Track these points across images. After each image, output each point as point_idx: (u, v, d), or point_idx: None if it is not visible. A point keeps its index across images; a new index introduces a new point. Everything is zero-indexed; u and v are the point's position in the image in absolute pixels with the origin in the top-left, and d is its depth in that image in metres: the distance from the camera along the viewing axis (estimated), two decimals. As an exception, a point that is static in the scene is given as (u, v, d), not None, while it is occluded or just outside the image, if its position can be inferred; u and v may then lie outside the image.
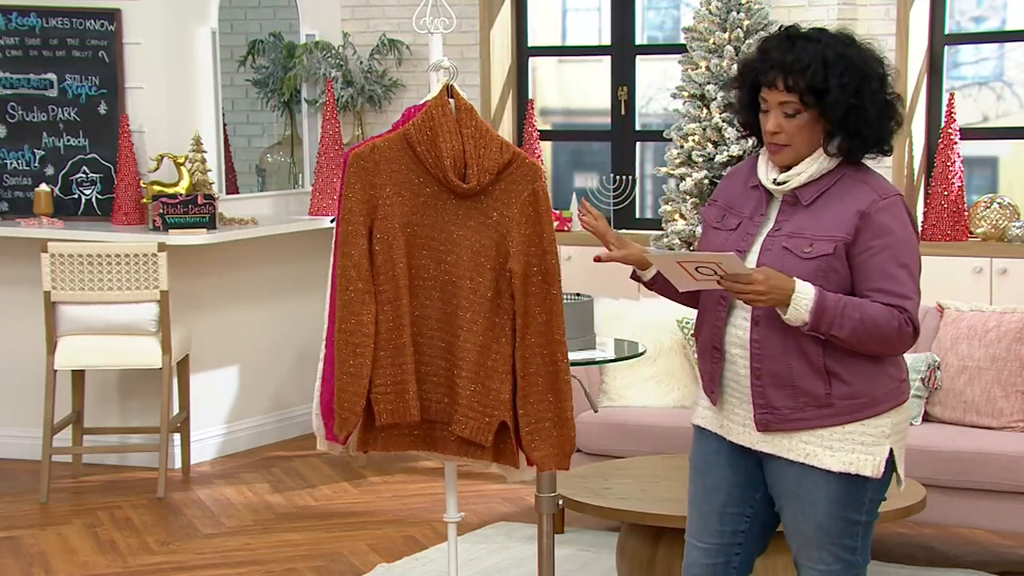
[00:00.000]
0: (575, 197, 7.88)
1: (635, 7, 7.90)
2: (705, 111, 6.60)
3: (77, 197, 7.00)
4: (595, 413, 5.57)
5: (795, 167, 3.34)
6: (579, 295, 4.94)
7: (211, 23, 7.07)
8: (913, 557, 5.44)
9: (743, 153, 6.44)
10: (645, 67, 7.97)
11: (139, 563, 5.53)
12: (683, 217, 6.64)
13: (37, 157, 7.03)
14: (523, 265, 3.76)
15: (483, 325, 3.75)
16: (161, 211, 6.60)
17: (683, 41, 6.79)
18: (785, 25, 3.41)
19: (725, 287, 3.23)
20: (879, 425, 3.30)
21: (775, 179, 3.37)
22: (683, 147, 6.64)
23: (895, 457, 3.33)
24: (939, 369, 5.55)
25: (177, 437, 6.78)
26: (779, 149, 3.34)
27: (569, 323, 4.32)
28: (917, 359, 5.49)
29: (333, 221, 6.98)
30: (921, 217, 7.15)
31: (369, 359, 3.72)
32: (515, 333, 3.77)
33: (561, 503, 4.40)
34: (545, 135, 8.07)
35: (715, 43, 6.58)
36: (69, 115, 6.98)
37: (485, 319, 3.76)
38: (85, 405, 6.79)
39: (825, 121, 3.29)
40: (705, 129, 6.58)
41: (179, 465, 6.80)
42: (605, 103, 8.03)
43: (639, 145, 7.97)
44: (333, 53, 7.81)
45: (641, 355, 5.00)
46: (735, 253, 3.33)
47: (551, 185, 8.19)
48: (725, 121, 6.49)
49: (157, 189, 6.75)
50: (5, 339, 7.07)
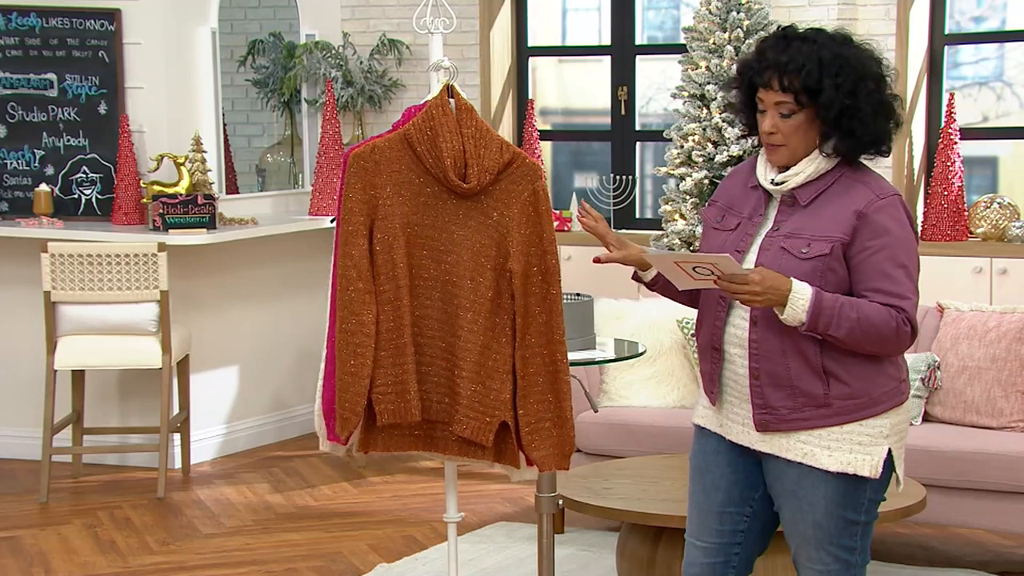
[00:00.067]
0: (575, 197, 7.88)
1: (635, 7, 7.90)
2: (705, 111, 6.59)
3: (77, 197, 7.00)
4: (595, 413, 5.57)
5: (793, 167, 3.34)
6: (579, 295, 4.94)
7: (211, 23, 7.07)
8: (913, 557, 5.44)
9: (743, 153, 6.44)
10: (645, 67, 7.97)
11: (139, 563, 5.53)
12: (683, 217, 6.63)
13: (37, 157, 7.03)
14: (523, 265, 3.76)
15: (484, 325, 3.75)
16: (161, 211, 6.60)
17: (683, 41, 6.79)
18: (783, 25, 3.41)
19: (722, 287, 3.23)
20: (878, 425, 3.30)
21: (773, 179, 3.37)
22: (683, 147, 6.63)
23: (894, 457, 3.33)
24: (939, 369, 5.55)
25: (177, 437, 6.77)
26: (775, 149, 3.34)
27: (569, 323, 4.32)
28: (917, 359, 5.49)
29: (333, 221, 7.01)
30: (921, 217, 7.15)
31: (370, 359, 3.72)
32: (515, 333, 3.77)
33: (561, 503, 4.40)
34: (545, 135, 8.07)
35: (715, 43, 6.57)
36: (69, 115, 6.98)
37: (486, 319, 3.76)
38: (85, 405, 6.79)
39: (820, 121, 3.29)
40: (705, 129, 6.58)
41: (179, 465, 6.80)
42: (605, 103, 8.03)
43: (639, 145, 7.97)
44: (333, 53, 7.81)
45: (641, 355, 5.00)
46: (735, 253, 3.34)
47: (551, 185, 8.19)
48: (725, 121, 6.49)
49: (157, 189, 6.75)
50: (5, 339, 7.07)
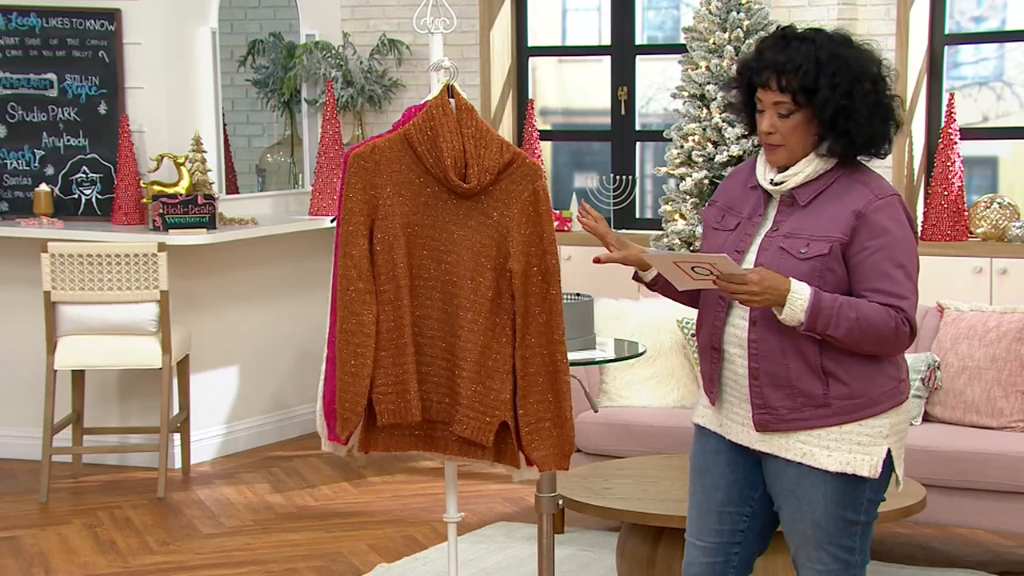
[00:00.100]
0: (575, 197, 7.88)
1: (635, 7, 7.90)
2: (705, 111, 6.59)
3: (77, 197, 7.00)
4: (595, 413, 5.57)
5: (791, 167, 3.34)
6: (579, 295, 4.94)
7: (211, 23, 7.07)
8: (913, 557, 5.44)
9: (743, 153, 6.44)
10: (645, 67, 7.97)
11: (139, 563, 5.53)
12: (683, 217, 6.63)
13: (37, 157, 7.03)
14: (523, 265, 3.76)
15: (484, 325, 3.75)
16: (161, 211, 6.60)
17: (683, 41, 6.79)
18: (782, 25, 3.41)
19: (720, 287, 3.23)
20: (877, 425, 3.30)
21: (772, 179, 3.37)
22: (683, 147, 6.63)
23: (893, 457, 3.33)
24: (939, 369, 5.55)
25: (177, 437, 6.77)
26: (774, 150, 3.34)
27: (569, 323, 4.32)
28: (917, 359, 5.49)
29: (333, 221, 7.02)
30: (921, 217, 7.15)
31: (370, 359, 3.72)
32: (515, 333, 3.77)
33: (561, 503, 4.40)
34: (545, 135, 8.07)
35: (715, 43, 6.57)
36: (69, 115, 6.98)
37: (486, 319, 3.76)
38: (85, 405, 6.79)
39: (817, 122, 3.29)
40: (705, 129, 6.58)
41: (179, 465, 6.80)
42: (605, 103, 8.03)
43: (639, 145, 7.97)
44: (333, 53, 7.81)
45: (641, 355, 5.00)
46: (734, 253, 3.34)
47: (551, 185, 8.19)
48: (725, 121, 6.49)
49: (157, 189, 6.75)
50: (5, 339, 7.07)
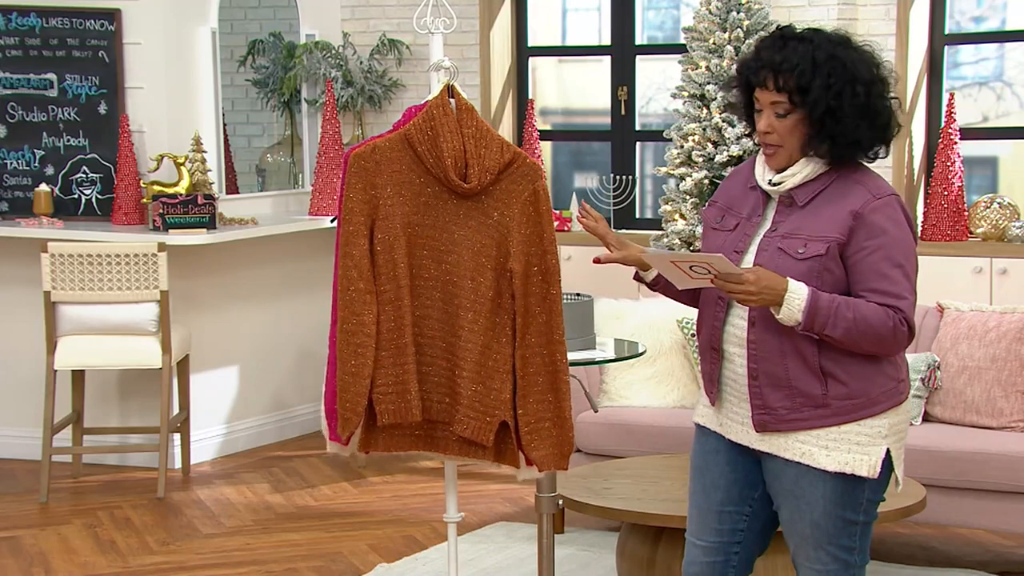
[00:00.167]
0: (575, 197, 7.89)
1: (635, 7, 7.91)
2: (705, 111, 6.60)
3: (77, 197, 7.00)
4: (595, 413, 5.57)
5: (790, 168, 3.34)
6: (579, 295, 4.94)
7: (211, 23, 7.07)
8: (913, 557, 5.44)
9: (743, 153, 6.44)
10: (645, 67, 7.98)
11: (139, 563, 5.53)
12: (683, 217, 6.63)
13: (37, 157, 7.03)
14: (523, 265, 3.75)
15: (484, 325, 3.75)
16: (161, 211, 6.60)
17: (683, 41, 6.79)
18: (781, 25, 3.40)
19: (718, 286, 3.23)
20: (876, 425, 3.30)
21: (770, 180, 3.37)
22: (683, 147, 6.63)
23: (893, 458, 3.33)
24: (939, 369, 5.55)
25: (177, 437, 6.77)
26: (773, 152, 3.34)
27: (569, 323, 4.32)
28: (917, 359, 5.49)
29: (333, 221, 7.02)
30: (921, 217, 7.15)
31: (370, 359, 3.72)
32: (515, 333, 3.77)
33: (561, 503, 4.40)
34: (545, 135, 8.07)
35: (715, 43, 6.58)
36: (69, 115, 6.98)
37: (486, 319, 3.76)
38: (85, 405, 6.79)
39: (808, 121, 3.28)
40: (705, 129, 6.58)
41: (179, 465, 6.80)
42: (605, 103, 8.03)
43: (639, 145, 7.97)
44: (333, 53, 7.81)
45: (641, 355, 5.00)
46: (734, 254, 3.35)
47: (551, 185, 8.19)
48: (725, 121, 6.49)
49: (157, 189, 6.75)
50: (5, 339, 7.07)
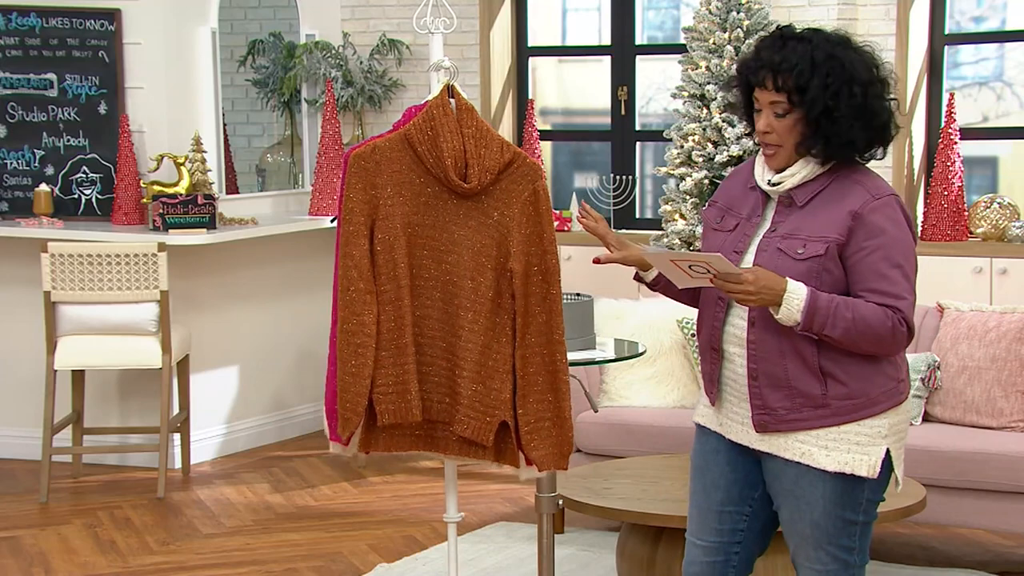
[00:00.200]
0: (575, 197, 7.89)
1: (635, 7, 7.91)
2: (705, 111, 6.60)
3: (77, 197, 7.00)
4: (595, 413, 5.57)
5: (789, 168, 3.34)
6: (579, 295, 4.94)
7: (211, 23, 7.07)
8: (913, 557, 5.44)
9: (743, 153, 6.44)
10: (645, 67, 7.98)
11: (139, 563, 5.53)
12: (683, 217, 6.63)
13: (37, 157, 7.03)
14: (524, 265, 3.76)
15: (484, 325, 3.75)
16: (161, 211, 6.60)
17: (683, 41, 6.79)
18: (781, 25, 3.40)
19: (717, 286, 3.23)
20: (876, 426, 3.30)
21: (770, 180, 3.37)
22: (683, 147, 6.63)
23: (893, 458, 3.33)
24: (939, 369, 5.55)
25: (177, 437, 6.77)
26: (772, 152, 3.33)
27: (569, 323, 4.32)
28: (917, 359, 5.49)
29: (333, 221, 7.02)
30: (921, 217, 7.15)
31: (371, 359, 3.72)
32: (515, 333, 3.78)
33: (561, 503, 4.40)
34: (545, 135, 8.07)
35: (715, 43, 6.58)
36: (69, 115, 6.98)
37: (486, 319, 3.76)
38: (85, 405, 6.79)
39: (806, 121, 3.28)
40: (705, 129, 6.58)
41: (179, 465, 6.80)
42: (605, 103, 8.03)
43: (639, 145, 7.97)
44: (333, 53, 7.81)
45: (641, 355, 5.00)
46: (733, 254, 3.35)
47: (551, 185, 8.19)
48: (725, 121, 6.49)
49: (157, 189, 6.75)
50: (5, 339, 7.07)
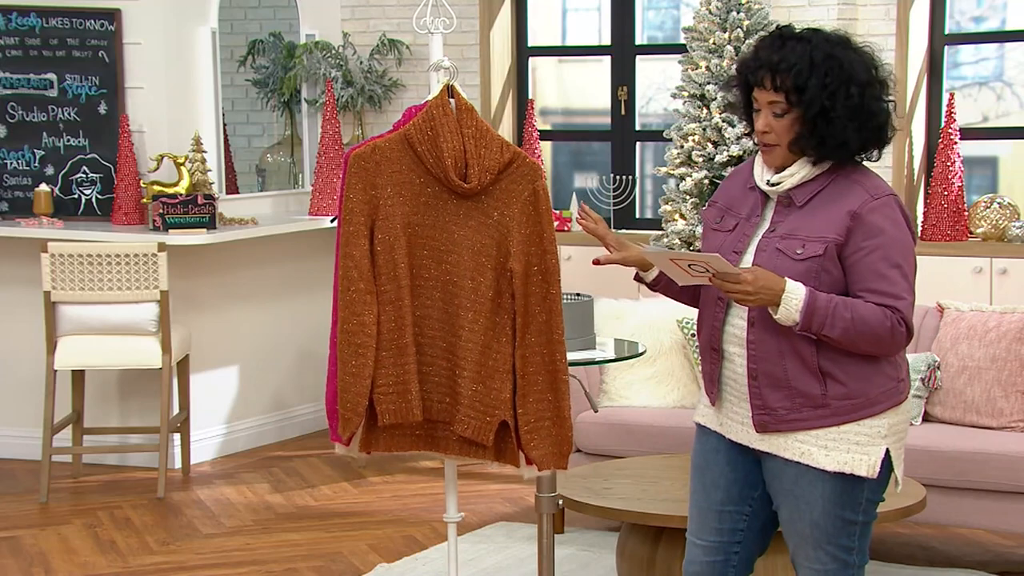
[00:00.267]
0: (575, 197, 7.89)
1: (635, 7, 7.90)
2: (705, 111, 6.59)
3: (77, 197, 7.00)
4: (595, 413, 5.57)
5: (788, 168, 3.33)
6: (579, 295, 4.94)
7: (211, 23, 7.07)
8: (913, 557, 5.44)
9: (743, 153, 6.44)
10: (645, 67, 7.98)
11: (139, 563, 5.53)
12: (683, 217, 6.63)
13: (37, 157, 7.03)
14: (524, 265, 3.76)
15: (484, 325, 3.76)
16: (161, 211, 6.60)
17: (683, 41, 6.79)
18: (780, 25, 3.40)
19: (716, 285, 3.24)
20: (875, 425, 3.30)
21: (769, 180, 3.37)
22: (683, 147, 6.63)
23: (892, 458, 3.33)
24: (939, 369, 5.55)
25: (177, 437, 6.77)
26: (770, 150, 3.34)
27: (569, 323, 4.32)
28: (917, 359, 5.49)
29: (333, 221, 7.02)
30: (921, 217, 7.15)
31: (371, 359, 3.72)
32: (515, 332, 3.78)
33: (561, 503, 4.40)
34: (545, 135, 8.07)
35: (715, 43, 6.58)
36: (69, 115, 6.98)
37: (486, 319, 3.76)
38: (85, 405, 6.79)
39: (803, 121, 3.28)
40: (705, 129, 6.58)
41: (179, 465, 6.80)
42: (605, 103, 8.03)
43: (639, 145, 7.97)
44: (333, 53, 7.81)
45: (641, 355, 5.00)
46: (732, 254, 3.35)
47: (551, 185, 8.19)
48: (725, 121, 6.49)
49: (157, 189, 6.75)
50: (5, 339, 7.07)
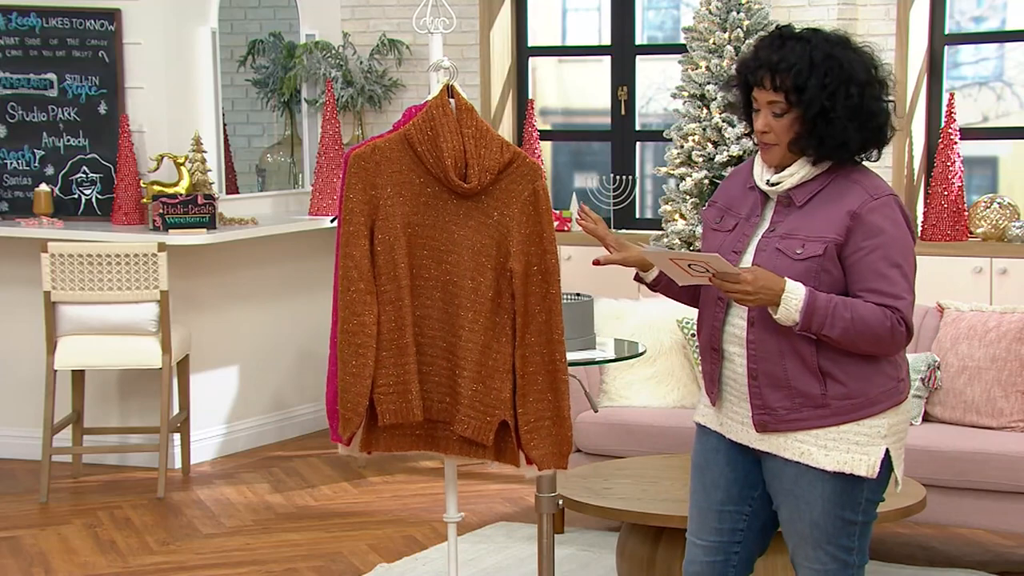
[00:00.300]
0: (575, 197, 7.89)
1: (635, 7, 7.90)
2: (705, 111, 6.60)
3: (77, 197, 7.00)
4: (595, 413, 5.57)
5: (787, 168, 3.34)
6: (579, 295, 4.94)
7: (211, 23, 7.07)
8: (913, 557, 5.44)
9: (743, 153, 6.44)
10: (645, 67, 7.98)
11: (139, 563, 5.53)
12: (683, 217, 6.63)
13: (37, 157, 7.03)
14: (523, 264, 3.76)
15: (484, 324, 3.76)
16: (161, 211, 6.60)
17: (683, 41, 6.79)
18: (780, 25, 3.40)
19: (716, 285, 3.24)
20: (875, 425, 3.30)
21: (768, 180, 3.37)
22: (683, 147, 6.63)
23: (892, 458, 3.33)
24: (939, 369, 5.55)
25: (177, 437, 6.77)
26: (769, 149, 3.34)
27: (569, 323, 4.32)
28: (917, 359, 5.49)
29: (333, 221, 7.02)
30: (921, 217, 7.15)
31: (372, 360, 3.72)
32: (515, 332, 3.78)
33: (561, 503, 4.40)
34: (545, 135, 8.07)
35: (715, 43, 6.58)
36: (69, 115, 6.98)
37: (486, 318, 3.76)
38: (85, 405, 6.78)
39: (802, 121, 3.28)
40: (705, 129, 6.58)
41: (179, 465, 6.80)
42: (605, 103, 8.03)
43: (639, 145, 7.97)
44: (333, 53, 7.81)
45: (641, 355, 5.00)
46: (732, 254, 3.35)
47: (551, 185, 8.19)
48: (725, 121, 6.49)
49: (157, 189, 6.75)
50: (5, 339, 7.07)
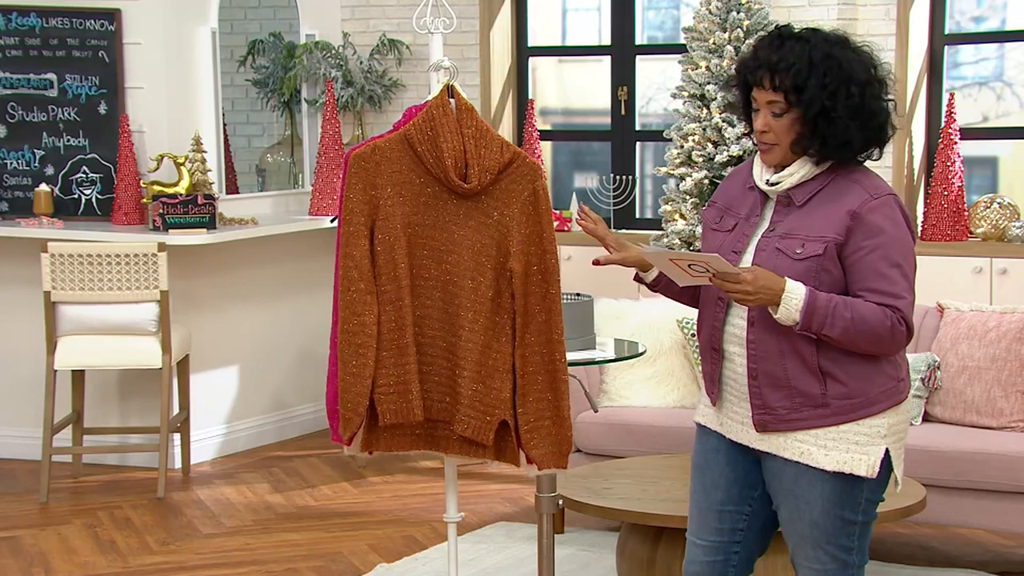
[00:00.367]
0: (575, 197, 7.89)
1: (635, 7, 7.90)
2: (705, 111, 6.60)
3: (77, 197, 7.00)
4: (595, 413, 5.57)
5: (787, 168, 3.34)
6: (579, 295, 4.94)
7: (211, 23, 7.07)
8: (913, 557, 5.44)
9: (743, 153, 6.44)
10: (645, 67, 7.98)
11: (139, 563, 5.53)
12: (683, 217, 6.64)
13: (37, 157, 7.03)
14: (523, 264, 3.76)
15: (484, 324, 3.76)
16: (161, 211, 6.60)
17: (683, 41, 6.79)
18: (779, 24, 3.40)
19: (716, 285, 3.24)
20: (875, 425, 3.30)
21: (768, 180, 3.37)
22: (683, 147, 6.63)
23: (892, 458, 3.33)
24: (939, 369, 5.55)
25: (177, 437, 6.77)
26: (769, 148, 3.34)
27: (569, 323, 4.32)
28: (917, 359, 5.49)
29: (333, 221, 7.02)
30: (921, 217, 7.15)
31: (372, 360, 3.72)
32: (515, 332, 3.78)
33: (561, 503, 4.40)
34: (545, 135, 8.07)
35: (715, 43, 6.58)
36: (69, 115, 6.98)
37: (486, 318, 3.76)
38: (85, 405, 6.78)
39: (803, 121, 3.28)
40: (705, 129, 6.58)
41: (179, 465, 6.80)
42: (605, 103, 8.03)
43: (639, 145, 7.97)
44: (333, 53, 7.81)
45: (641, 355, 5.00)
46: (732, 254, 3.35)
47: (551, 185, 8.19)
48: (725, 121, 6.49)
49: (157, 189, 6.75)
50: (5, 339, 7.07)
